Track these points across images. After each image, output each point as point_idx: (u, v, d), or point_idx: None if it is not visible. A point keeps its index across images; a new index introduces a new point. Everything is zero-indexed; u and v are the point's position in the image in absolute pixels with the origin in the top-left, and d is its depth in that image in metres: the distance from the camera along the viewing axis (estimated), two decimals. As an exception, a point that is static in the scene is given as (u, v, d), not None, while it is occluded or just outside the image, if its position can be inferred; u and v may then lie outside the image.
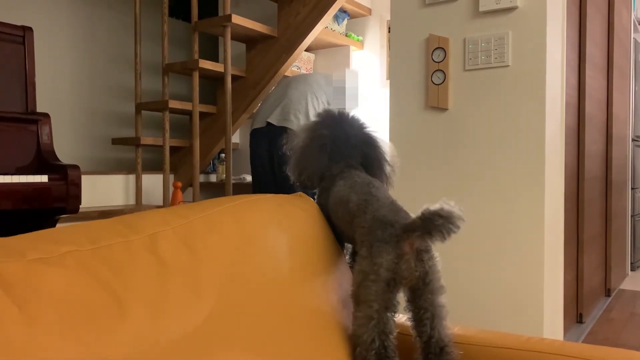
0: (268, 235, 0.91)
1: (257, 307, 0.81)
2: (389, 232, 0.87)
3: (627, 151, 3.90)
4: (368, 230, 0.90)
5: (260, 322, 0.80)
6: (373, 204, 0.94)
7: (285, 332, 0.83)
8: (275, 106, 2.87)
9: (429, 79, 1.93)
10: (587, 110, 2.63)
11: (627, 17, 3.75)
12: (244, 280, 0.82)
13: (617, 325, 2.74)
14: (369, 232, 0.90)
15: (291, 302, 0.87)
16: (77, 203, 2.12)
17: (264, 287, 0.84)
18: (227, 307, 0.76)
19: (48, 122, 2.14)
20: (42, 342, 0.53)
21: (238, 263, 0.82)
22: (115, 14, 3.85)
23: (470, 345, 0.99)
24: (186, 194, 3.63)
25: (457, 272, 1.87)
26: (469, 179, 1.86)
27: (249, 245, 0.86)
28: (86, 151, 3.72)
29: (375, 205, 0.94)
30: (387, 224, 0.88)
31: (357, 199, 0.97)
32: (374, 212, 0.92)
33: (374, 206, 0.93)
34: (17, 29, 2.15)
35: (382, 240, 0.87)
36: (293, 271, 0.91)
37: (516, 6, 1.75)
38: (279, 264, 0.89)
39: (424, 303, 0.90)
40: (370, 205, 0.94)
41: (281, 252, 0.91)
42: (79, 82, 3.67)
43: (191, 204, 0.90)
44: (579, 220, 2.62)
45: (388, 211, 0.91)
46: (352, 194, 0.99)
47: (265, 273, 0.86)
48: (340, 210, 1.01)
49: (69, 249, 0.64)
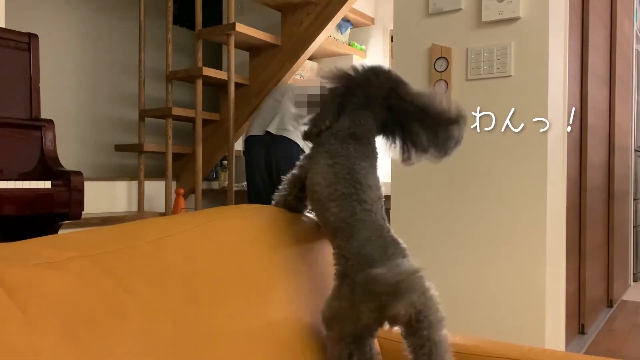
0: (264, 245, 0.91)
1: (259, 316, 0.81)
2: (372, 286, 0.75)
3: (629, 161, 3.90)
4: (351, 268, 0.80)
5: (259, 333, 0.80)
6: (358, 232, 0.81)
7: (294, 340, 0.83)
8: (274, 115, 2.89)
9: (431, 89, 1.93)
10: (589, 121, 2.64)
11: (629, 27, 3.76)
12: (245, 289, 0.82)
13: (620, 337, 2.73)
14: (352, 269, 0.80)
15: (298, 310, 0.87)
16: (79, 209, 2.13)
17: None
18: (228, 314, 0.76)
19: (52, 128, 2.15)
20: (44, 346, 0.54)
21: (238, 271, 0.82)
22: (119, 21, 3.87)
23: (471, 355, 0.99)
24: (188, 200, 3.64)
25: (458, 281, 1.87)
26: (470, 188, 1.86)
27: (248, 254, 0.86)
28: (89, 157, 3.73)
29: (361, 234, 0.81)
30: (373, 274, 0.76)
31: (338, 212, 0.84)
32: (359, 248, 0.80)
33: (360, 236, 0.81)
34: (22, 36, 2.17)
35: (366, 292, 0.75)
36: (288, 281, 0.91)
37: (519, 17, 1.76)
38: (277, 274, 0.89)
39: (419, 340, 0.79)
40: (356, 232, 0.81)
41: (277, 263, 0.91)
42: (83, 89, 3.68)
43: (193, 212, 0.90)
44: (581, 230, 2.62)
45: (376, 248, 0.80)
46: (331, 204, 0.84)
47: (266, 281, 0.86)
48: (316, 207, 0.90)
49: (72, 255, 0.64)
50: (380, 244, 0.80)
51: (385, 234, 0.83)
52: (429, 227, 1.93)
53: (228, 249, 0.83)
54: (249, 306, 0.80)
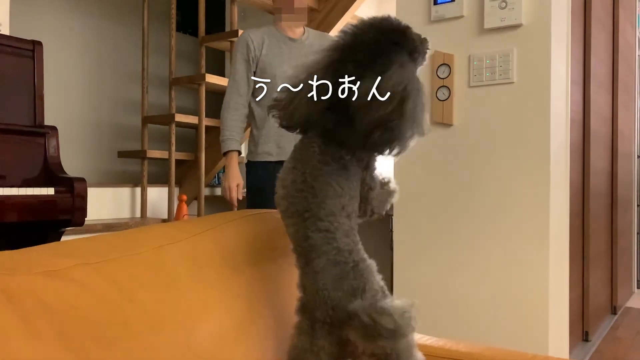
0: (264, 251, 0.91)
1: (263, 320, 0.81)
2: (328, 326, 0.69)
3: (632, 168, 3.89)
4: (308, 302, 0.74)
5: (270, 333, 0.80)
6: (312, 260, 0.73)
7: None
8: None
9: (434, 95, 1.94)
10: (592, 127, 2.63)
11: (631, 33, 3.76)
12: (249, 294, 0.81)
13: (624, 344, 2.71)
14: (310, 304, 0.73)
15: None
16: (82, 216, 2.13)
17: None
18: (234, 321, 0.76)
19: (55, 135, 2.16)
20: (45, 355, 0.53)
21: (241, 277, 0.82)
22: (123, 28, 3.89)
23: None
24: (191, 207, 3.64)
25: (461, 288, 1.86)
26: (473, 195, 1.86)
27: (252, 260, 0.86)
28: (92, 164, 3.74)
29: (315, 263, 0.73)
30: (330, 309, 0.70)
31: (293, 232, 0.76)
32: (314, 280, 0.72)
33: (315, 265, 0.73)
34: (27, 43, 2.18)
35: (323, 328, 0.70)
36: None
37: (521, 23, 1.76)
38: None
39: None
40: (310, 260, 0.73)
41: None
42: (86, 95, 3.70)
43: (196, 219, 0.90)
44: (584, 237, 2.61)
45: (331, 280, 0.72)
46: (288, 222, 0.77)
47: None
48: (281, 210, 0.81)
49: (74, 263, 0.64)
50: (335, 274, 0.72)
51: (344, 258, 0.74)
52: (431, 234, 1.93)
53: (231, 256, 0.83)
54: (252, 311, 0.79)
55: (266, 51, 2.08)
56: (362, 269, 0.74)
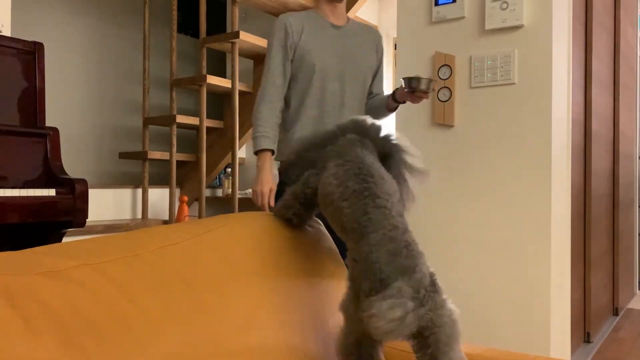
0: (267, 250, 0.91)
1: (266, 321, 0.81)
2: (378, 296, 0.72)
3: (634, 169, 3.89)
4: (359, 273, 0.77)
5: (269, 336, 0.79)
6: (369, 234, 0.77)
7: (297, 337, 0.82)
8: None
9: (435, 96, 1.93)
10: (593, 128, 2.63)
11: (632, 35, 3.76)
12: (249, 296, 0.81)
13: (626, 345, 2.71)
14: (359, 275, 0.77)
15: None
16: (83, 217, 2.13)
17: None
18: (234, 324, 0.76)
19: (57, 136, 2.16)
20: (46, 356, 0.53)
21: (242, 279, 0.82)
22: (124, 29, 3.90)
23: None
24: (192, 208, 3.64)
25: (463, 289, 1.86)
26: (474, 195, 1.85)
27: (252, 260, 0.86)
28: (93, 165, 3.74)
29: (371, 237, 0.77)
30: (378, 281, 0.73)
31: (351, 212, 0.81)
32: (368, 253, 0.76)
33: (370, 239, 0.77)
34: (28, 45, 2.18)
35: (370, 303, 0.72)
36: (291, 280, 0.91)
37: (522, 25, 1.76)
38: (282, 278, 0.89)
39: (424, 357, 0.75)
40: (366, 234, 0.78)
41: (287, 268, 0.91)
42: (87, 97, 3.70)
43: (197, 220, 0.90)
44: (585, 238, 2.60)
45: (385, 254, 0.75)
46: (344, 204, 0.82)
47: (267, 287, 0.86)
48: (329, 212, 0.87)
49: (75, 264, 0.64)
50: (390, 250, 0.76)
51: (399, 236, 0.78)
52: (433, 235, 1.92)
53: (231, 258, 0.83)
54: (253, 314, 0.79)
55: (306, 37, 1.84)
56: (414, 250, 0.78)
